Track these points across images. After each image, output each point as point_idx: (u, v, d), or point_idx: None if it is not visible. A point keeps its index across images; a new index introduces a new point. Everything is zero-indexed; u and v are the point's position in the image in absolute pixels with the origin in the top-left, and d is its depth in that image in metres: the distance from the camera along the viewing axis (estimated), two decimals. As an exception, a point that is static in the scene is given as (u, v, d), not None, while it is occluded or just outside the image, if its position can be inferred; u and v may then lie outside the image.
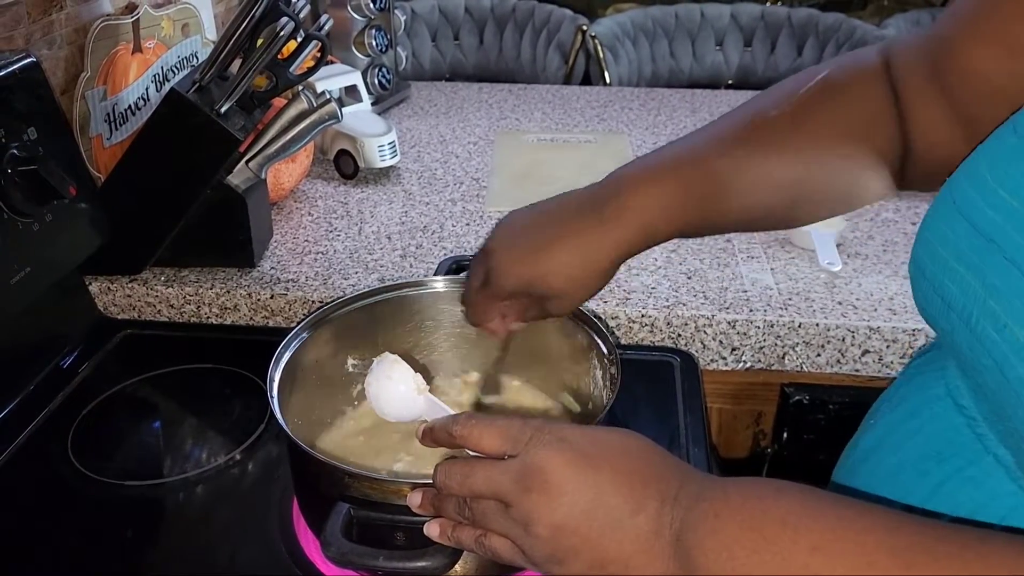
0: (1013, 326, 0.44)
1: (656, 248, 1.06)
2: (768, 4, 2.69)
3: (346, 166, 1.32)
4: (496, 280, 0.71)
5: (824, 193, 0.68)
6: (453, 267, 0.90)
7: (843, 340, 0.95)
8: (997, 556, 0.39)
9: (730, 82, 2.51)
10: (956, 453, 0.52)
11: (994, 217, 0.47)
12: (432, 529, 0.55)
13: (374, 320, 0.82)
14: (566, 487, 0.48)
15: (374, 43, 1.57)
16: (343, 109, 1.05)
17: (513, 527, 0.50)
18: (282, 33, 0.88)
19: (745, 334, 0.96)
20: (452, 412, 0.61)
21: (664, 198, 0.66)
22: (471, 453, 0.54)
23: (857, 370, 0.97)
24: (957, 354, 0.51)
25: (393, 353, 0.64)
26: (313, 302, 1.01)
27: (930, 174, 0.64)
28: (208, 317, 1.04)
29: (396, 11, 1.63)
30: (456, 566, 0.58)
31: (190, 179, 0.97)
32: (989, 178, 0.49)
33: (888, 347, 0.95)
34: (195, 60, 1.26)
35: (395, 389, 0.62)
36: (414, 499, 0.57)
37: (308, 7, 0.94)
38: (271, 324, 1.03)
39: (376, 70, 1.58)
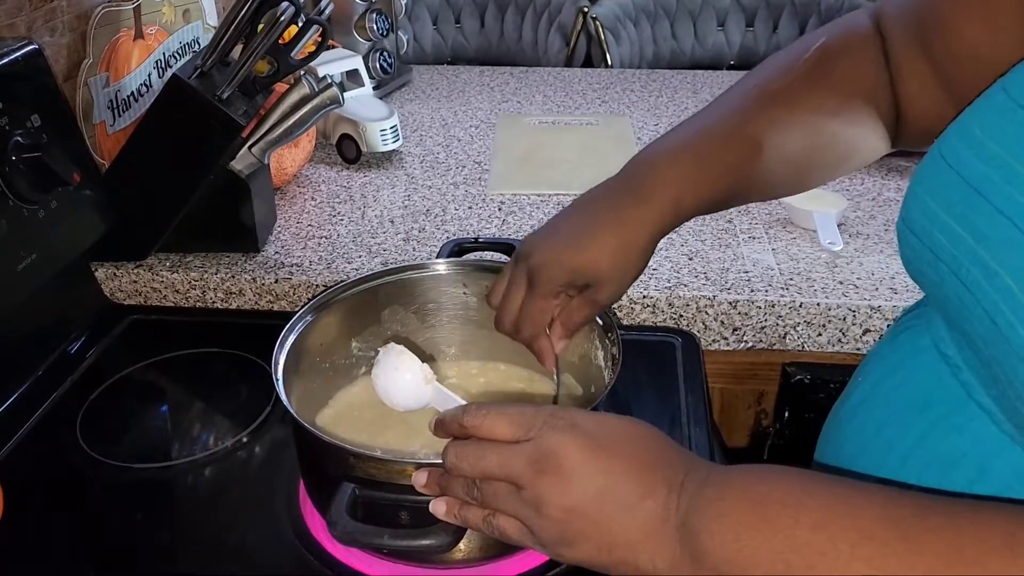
0: (1003, 274, 0.45)
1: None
2: (770, -16, 2.67)
3: (348, 150, 1.32)
4: (544, 275, 0.69)
5: (836, 154, 0.70)
6: (455, 249, 0.91)
7: (844, 319, 0.96)
8: (988, 521, 0.40)
9: (732, 63, 2.49)
10: (940, 401, 0.53)
11: (983, 169, 0.48)
12: (439, 507, 0.56)
13: (378, 303, 0.83)
14: (580, 471, 0.49)
15: (375, 27, 1.56)
16: (345, 93, 1.05)
17: (524, 508, 0.50)
18: (283, 18, 0.88)
19: (746, 314, 0.97)
20: (459, 400, 0.61)
21: (692, 172, 0.68)
22: None
23: (858, 349, 0.97)
24: (945, 306, 0.52)
25: (399, 343, 0.64)
26: (317, 286, 1.02)
27: (920, 134, 0.67)
28: (213, 302, 1.04)
29: (397, -6, 1.63)
30: (459, 544, 0.59)
31: (193, 165, 0.97)
32: (979, 132, 0.50)
33: (889, 326, 0.95)
34: (196, 46, 1.26)
35: (402, 379, 0.62)
36: (420, 478, 0.57)
37: (308, -8, 0.94)
38: (276, 308, 1.03)
39: (377, 54, 1.58)
